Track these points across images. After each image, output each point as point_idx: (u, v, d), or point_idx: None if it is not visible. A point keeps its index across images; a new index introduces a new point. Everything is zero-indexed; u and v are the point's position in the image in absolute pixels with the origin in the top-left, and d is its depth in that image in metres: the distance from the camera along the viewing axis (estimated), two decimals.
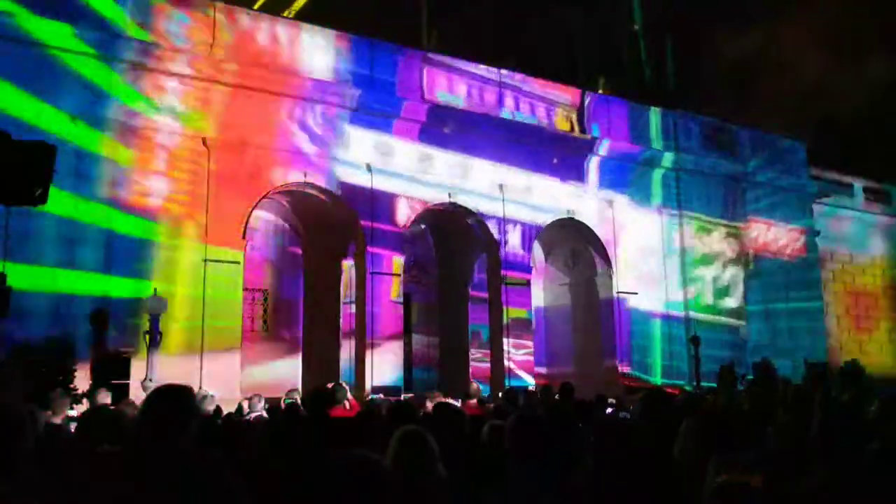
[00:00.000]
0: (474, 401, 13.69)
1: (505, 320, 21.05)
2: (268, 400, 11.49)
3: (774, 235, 26.60)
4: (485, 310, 21.97)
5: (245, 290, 18.27)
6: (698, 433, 3.72)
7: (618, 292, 23.07)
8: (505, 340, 20.96)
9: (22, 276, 12.90)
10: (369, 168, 19.28)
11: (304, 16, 19.52)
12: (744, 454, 3.10)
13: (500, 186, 21.13)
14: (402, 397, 16.15)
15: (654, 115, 24.98)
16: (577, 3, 30.39)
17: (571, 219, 22.74)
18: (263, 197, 18.29)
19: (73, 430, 5.29)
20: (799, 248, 27.20)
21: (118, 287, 15.56)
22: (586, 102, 23.47)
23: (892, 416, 3.41)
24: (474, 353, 22.19)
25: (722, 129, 26.43)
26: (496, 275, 21.49)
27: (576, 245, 24.00)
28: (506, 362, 20.84)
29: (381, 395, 15.27)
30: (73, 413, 8.03)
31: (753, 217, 26.22)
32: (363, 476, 2.48)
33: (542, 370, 22.60)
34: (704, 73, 31.27)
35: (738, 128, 27.20)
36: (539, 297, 24.48)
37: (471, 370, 21.81)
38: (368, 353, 18.79)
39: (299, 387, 18.33)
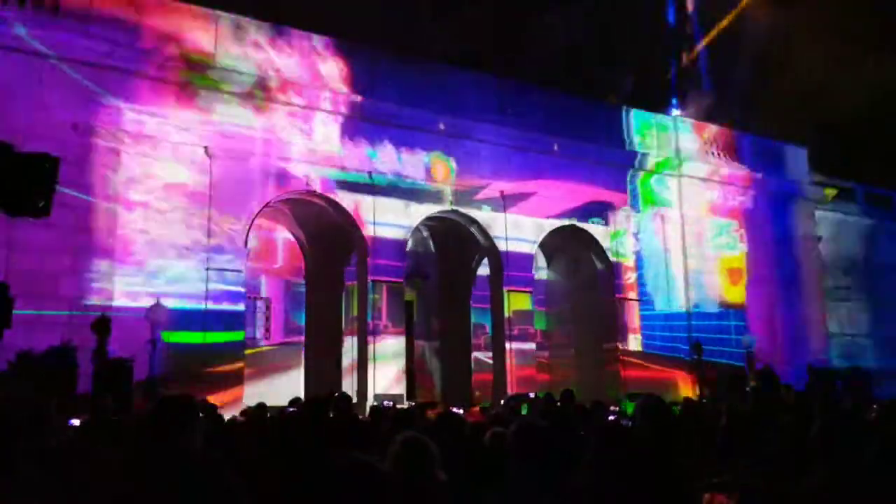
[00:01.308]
0: (477, 408, 13.71)
1: (507, 313, 21.06)
2: (270, 409, 11.45)
3: None
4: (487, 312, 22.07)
5: (248, 298, 18.31)
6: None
7: (618, 297, 23.07)
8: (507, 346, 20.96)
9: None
10: (370, 176, 19.34)
11: (312, 23, 19.55)
12: (726, 475, 3.09)
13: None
14: (405, 405, 16.13)
15: None
16: (577, 3, 30.45)
17: (573, 225, 22.76)
18: (265, 206, 18.34)
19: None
20: None
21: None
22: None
23: (891, 418, 3.41)
24: (476, 359, 22.20)
25: None
26: (498, 281, 21.51)
27: (577, 251, 24.01)
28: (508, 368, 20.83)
29: (391, 403, 15.23)
30: (76, 422, 8.03)
31: None
32: (362, 478, 2.49)
33: (545, 374, 22.61)
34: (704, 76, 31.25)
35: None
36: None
37: (473, 376, 21.81)
38: (370, 361, 18.79)
39: (301, 396, 18.33)
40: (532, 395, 17.02)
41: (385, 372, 19.00)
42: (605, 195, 23.30)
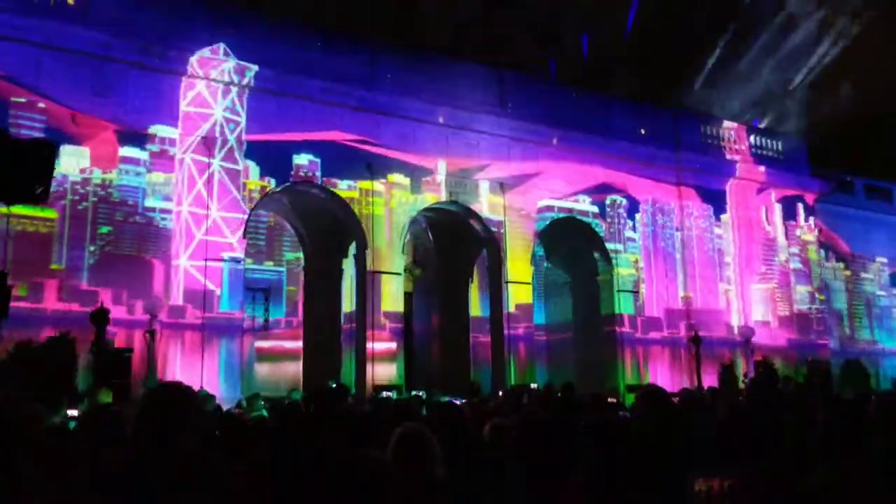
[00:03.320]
0: (476, 399, 13.68)
1: (508, 309, 21.01)
2: (269, 399, 11.44)
3: None
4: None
5: (246, 289, 18.27)
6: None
7: (618, 290, 23.06)
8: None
9: None
10: (370, 168, 19.26)
11: (322, 22, 19.71)
12: (721, 467, 3.06)
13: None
14: (405, 395, 16.14)
15: None
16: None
17: (572, 217, 22.71)
18: (264, 196, 18.28)
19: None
20: None
21: None
22: None
23: (891, 415, 3.38)
24: (475, 350, 22.19)
25: None
26: (497, 272, 21.47)
27: (576, 243, 23.96)
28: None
29: (390, 394, 15.26)
30: (74, 413, 8.02)
31: None
32: (364, 475, 2.47)
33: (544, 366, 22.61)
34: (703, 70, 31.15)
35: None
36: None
37: (472, 367, 21.80)
38: (369, 352, 18.79)
39: (300, 385, 18.33)
40: (533, 385, 17.09)
41: (384, 362, 18.99)
42: None
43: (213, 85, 17.76)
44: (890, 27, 27.37)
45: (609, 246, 23.30)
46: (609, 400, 12.38)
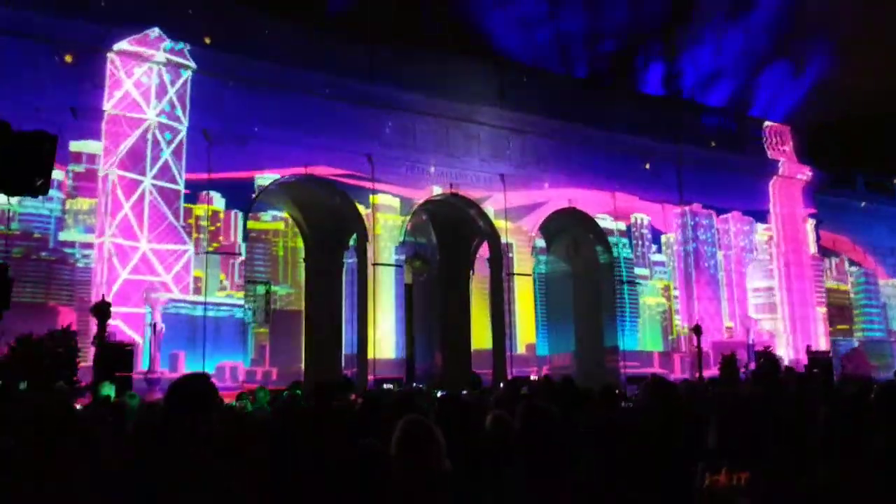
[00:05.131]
0: (476, 392, 13.70)
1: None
2: (271, 392, 11.44)
3: None
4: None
5: (247, 282, 18.23)
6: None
7: (619, 281, 22.99)
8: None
9: None
10: (370, 159, 19.21)
11: (325, 22, 19.74)
12: (730, 456, 3.05)
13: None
14: (408, 387, 16.16)
15: None
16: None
17: (573, 208, 22.64)
18: (264, 190, 18.22)
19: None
20: None
21: None
22: None
23: (892, 414, 3.36)
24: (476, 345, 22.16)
25: None
26: (498, 265, 21.43)
27: (577, 234, 23.88)
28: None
29: (390, 386, 15.29)
30: (77, 406, 8.03)
31: None
32: (364, 472, 2.46)
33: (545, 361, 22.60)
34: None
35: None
36: None
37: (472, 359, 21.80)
38: (370, 344, 18.79)
39: (302, 378, 18.34)
40: (533, 377, 17.09)
41: (385, 354, 18.98)
42: None
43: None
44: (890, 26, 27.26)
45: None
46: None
